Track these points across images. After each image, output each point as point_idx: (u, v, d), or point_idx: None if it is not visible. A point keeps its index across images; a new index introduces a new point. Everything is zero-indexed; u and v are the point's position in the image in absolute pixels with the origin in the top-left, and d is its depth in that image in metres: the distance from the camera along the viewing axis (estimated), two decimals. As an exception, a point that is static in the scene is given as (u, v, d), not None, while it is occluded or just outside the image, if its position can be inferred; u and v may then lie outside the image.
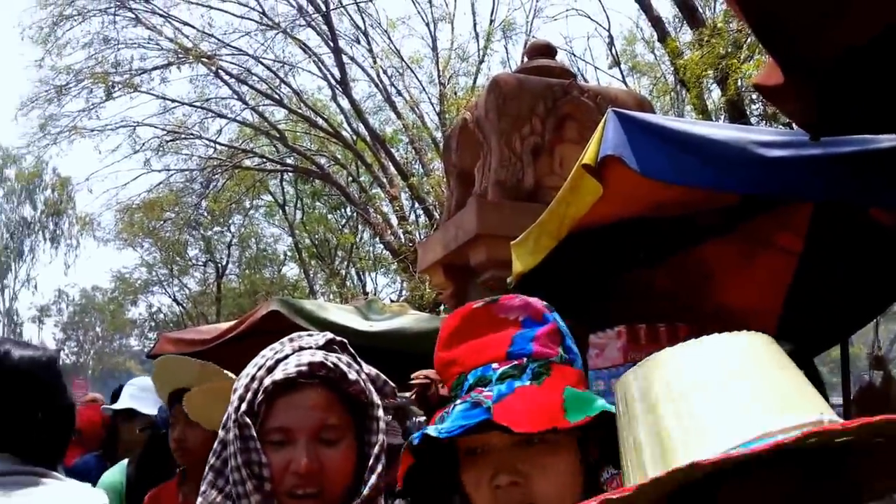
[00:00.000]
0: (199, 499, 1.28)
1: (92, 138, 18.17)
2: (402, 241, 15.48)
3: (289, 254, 24.44)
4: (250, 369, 1.30)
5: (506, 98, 5.02)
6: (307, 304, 5.53)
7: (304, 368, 1.26)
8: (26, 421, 1.66)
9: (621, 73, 15.81)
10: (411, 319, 5.32)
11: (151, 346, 6.92)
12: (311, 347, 1.32)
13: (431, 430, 1.17)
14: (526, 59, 5.91)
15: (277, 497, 1.22)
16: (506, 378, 1.21)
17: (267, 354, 1.32)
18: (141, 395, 4.04)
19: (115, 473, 3.42)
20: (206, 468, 1.30)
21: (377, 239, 18.18)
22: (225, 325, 5.73)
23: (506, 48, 24.63)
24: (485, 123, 5.07)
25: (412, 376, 3.18)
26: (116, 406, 4.14)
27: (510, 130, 4.96)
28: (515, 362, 1.23)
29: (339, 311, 5.28)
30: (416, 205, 16.29)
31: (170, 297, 26.96)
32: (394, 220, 16.57)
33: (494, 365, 1.23)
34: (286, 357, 1.29)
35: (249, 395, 1.26)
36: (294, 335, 1.36)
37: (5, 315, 36.67)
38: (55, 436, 1.73)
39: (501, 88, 5.06)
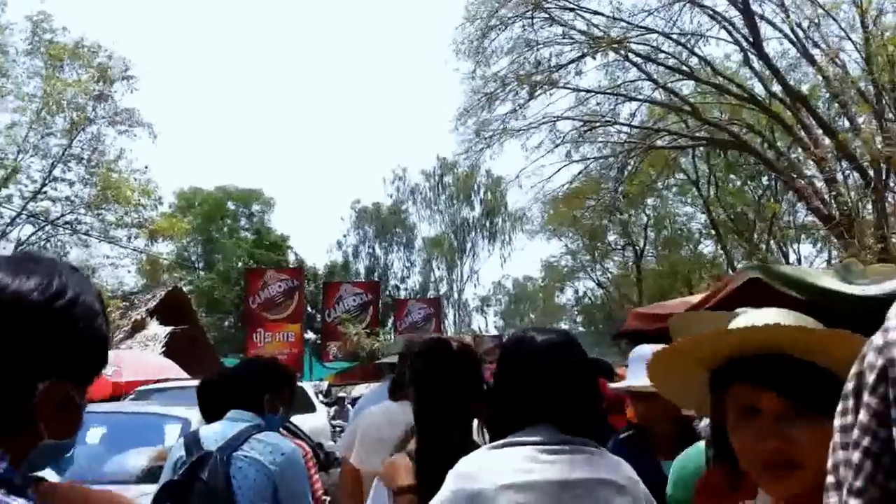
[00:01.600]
0: None
1: (518, 138, 19.64)
2: (833, 205, 14.36)
3: (704, 231, 24.14)
4: None
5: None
6: (787, 269, 4.54)
7: None
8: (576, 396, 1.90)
9: None
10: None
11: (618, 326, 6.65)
12: None
13: None
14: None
15: None
16: None
17: None
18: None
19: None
20: None
21: (802, 206, 17.06)
22: (696, 298, 5.34)
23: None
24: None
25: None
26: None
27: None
28: None
29: (823, 276, 4.45)
30: (845, 164, 14.97)
31: (594, 281, 28.25)
32: (821, 185, 15.46)
33: None
34: None
35: None
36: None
37: (456, 305, 41.72)
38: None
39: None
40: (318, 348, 24.71)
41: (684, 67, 16.96)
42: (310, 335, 33.50)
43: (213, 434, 3.19)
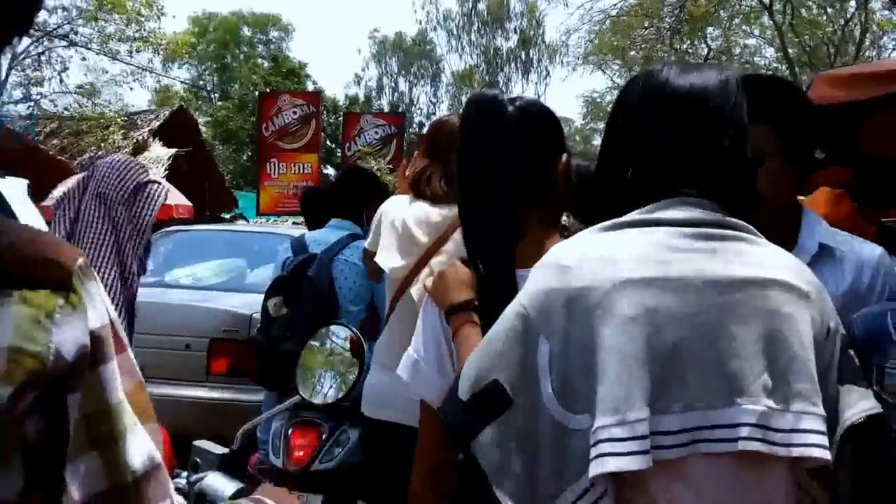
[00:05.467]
0: None
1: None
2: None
3: (774, 65, 21.60)
4: None
5: None
6: None
7: None
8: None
9: None
10: None
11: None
12: None
13: None
14: None
15: None
16: None
17: None
18: None
19: None
20: None
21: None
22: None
23: None
24: None
25: None
26: None
27: None
28: None
29: None
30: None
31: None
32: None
33: None
34: None
35: None
36: None
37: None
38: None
39: None
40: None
41: None
42: (329, 170, 32.62)
43: (318, 238, 3.70)
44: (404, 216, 2.58)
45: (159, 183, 3.39)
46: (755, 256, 1.26)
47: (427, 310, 1.77)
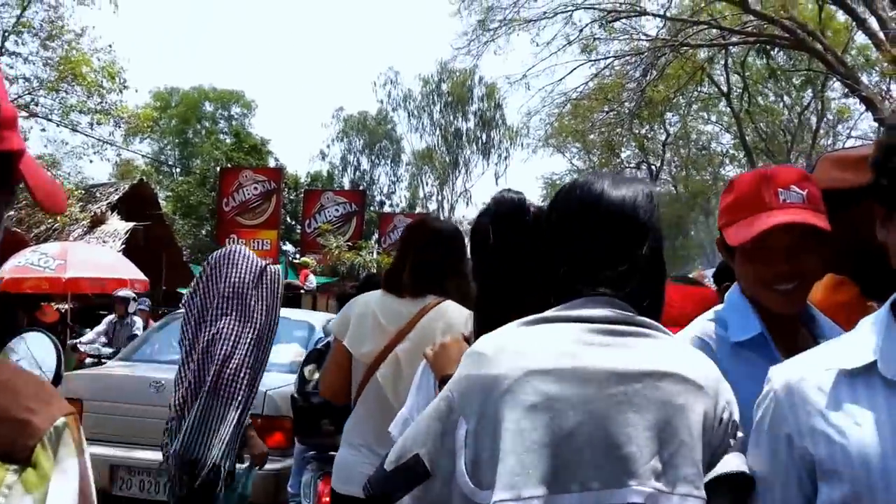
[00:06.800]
0: None
1: (528, 31, 17.62)
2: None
3: (729, 152, 22.10)
4: None
5: None
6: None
7: None
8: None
9: None
10: None
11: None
12: None
13: None
14: None
15: None
16: None
17: None
18: None
19: None
20: None
21: (869, 114, 15.01)
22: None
23: None
24: None
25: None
26: None
27: None
28: None
29: None
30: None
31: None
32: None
33: None
34: None
35: None
36: None
37: (445, 223, 39.60)
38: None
39: None
40: (297, 267, 22.81)
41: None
42: (288, 247, 32.30)
43: None
44: (374, 307, 2.87)
45: (272, 263, 3.78)
46: (655, 351, 1.38)
47: (423, 376, 1.99)
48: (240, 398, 3.67)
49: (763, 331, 1.76)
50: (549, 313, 1.44)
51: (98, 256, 13.02)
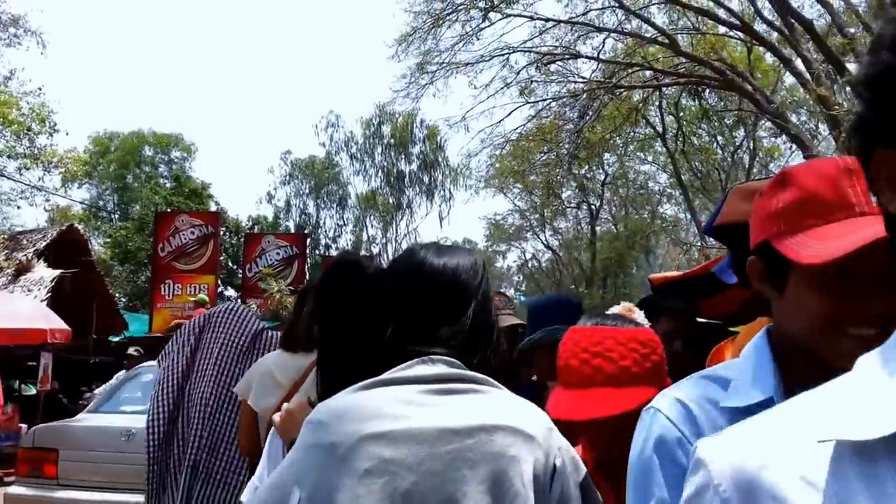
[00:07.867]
0: None
1: (466, 74, 17.65)
2: (838, 150, 12.55)
3: (666, 191, 22.40)
4: None
5: None
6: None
7: None
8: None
9: None
10: None
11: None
12: None
13: None
14: None
15: None
16: None
17: None
18: None
19: None
20: None
21: (799, 153, 15.28)
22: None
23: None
24: None
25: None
26: None
27: None
28: None
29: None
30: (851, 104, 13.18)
31: (543, 243, 26.43)
32: (824, 130, 13.64)
33: None
34: None
35: None
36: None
37: (390, 265, 39.39)
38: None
39: None
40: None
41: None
42: (230, 292, 31.71)
43: None
44: (269, 365, 3.14)
45: (270, 329, 3.75)
46: (487, 405, 1.42)
47: (272, 442, 2.15)
48: (236, 483, 3.66)
49: (774, 395, 1.20)
50: (385, 376, 1.46)
51: (17, 306, 12.71)
